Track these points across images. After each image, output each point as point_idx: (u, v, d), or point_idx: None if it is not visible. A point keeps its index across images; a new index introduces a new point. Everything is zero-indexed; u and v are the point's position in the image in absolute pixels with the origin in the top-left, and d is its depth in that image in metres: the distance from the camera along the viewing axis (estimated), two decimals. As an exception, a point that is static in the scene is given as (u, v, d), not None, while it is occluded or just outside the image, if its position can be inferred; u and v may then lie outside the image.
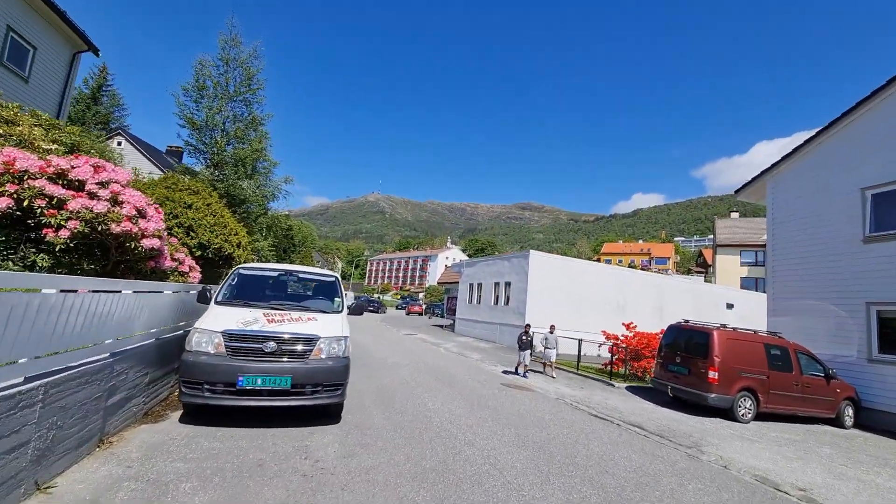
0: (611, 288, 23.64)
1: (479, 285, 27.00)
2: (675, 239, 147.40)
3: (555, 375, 12.73)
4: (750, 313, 26.62)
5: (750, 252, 47.09)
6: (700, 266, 79.48)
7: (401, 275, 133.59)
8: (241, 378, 5.18)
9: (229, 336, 5.40)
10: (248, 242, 16.07)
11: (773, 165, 14.53)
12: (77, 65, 16.54)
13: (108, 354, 4.49)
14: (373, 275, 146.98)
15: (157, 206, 7.40)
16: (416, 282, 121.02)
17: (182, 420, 5.51)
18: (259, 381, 5.23)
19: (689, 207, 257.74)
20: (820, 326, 12.37)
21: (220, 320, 5.63)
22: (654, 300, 24.86)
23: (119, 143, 39.43)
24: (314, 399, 5.52)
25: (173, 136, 17.53)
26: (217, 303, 6.23)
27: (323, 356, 5.67)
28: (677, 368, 10.53)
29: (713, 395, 9.61)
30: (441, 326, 32.01)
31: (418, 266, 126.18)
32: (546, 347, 12.89)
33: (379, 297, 78.45)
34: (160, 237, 6.99)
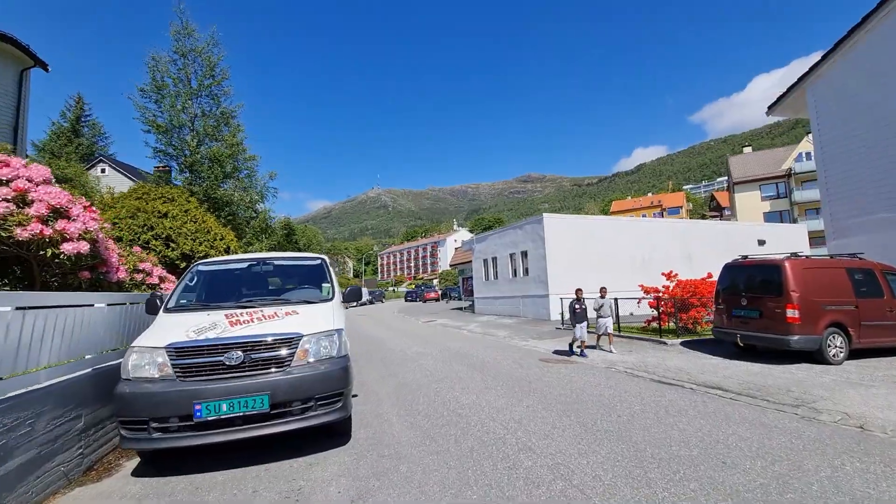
0: (633, 242, 21.89)
1: (494, 259, 25.42)
2: (684, 187, 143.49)
3: (614, 350, 10.21)
4: (784, 247, 24.71)
5: (770, 185, 44.77)
6: (714, 210, 76.91)
7: (412, 264, 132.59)
8: (198, 407, 3.72)
9: (176, 351, 3.92)
10: (237, 246, 14.69)
11: (812, 69, 12.60)
12: (27, 82, 15.16)
13: (-16, 404, 3.05)
14: (385, 269, 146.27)
15: (89, 204, 5.90)
16: (429, 269, 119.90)
17: (137, 472, 4.09)
18: (225, 408, 3.77)
19: (692, 154, 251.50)
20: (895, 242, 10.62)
21: (165, 333, 4.16)
22: (680, 248, 23.04)
23: (103, 171, 38.28)
24: (307, 419, 4.04)
25: (159, 157, 15.91)
26: (167, 310, 4.76)
27: (311, 359, 4.19)
28: (745, 313, 8.91)
29: (796, 338, 8.01)
30: (460, 309, 30.62)
31: (428, 253, 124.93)
32: (599, 316, 10.24)
33: (391, 289, 77.66)
34: (94, 240, 5.54)
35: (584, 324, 9.73)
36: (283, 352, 4.11)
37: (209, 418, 3.73)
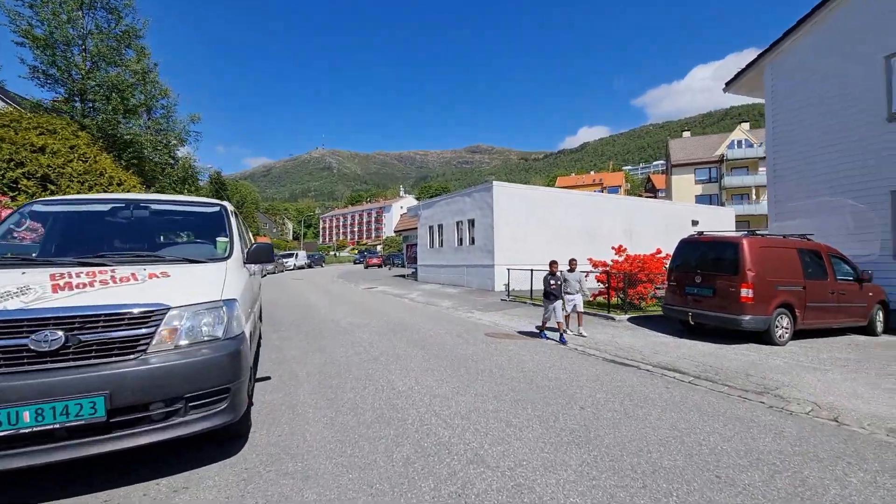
0: (580, 215, 21.74)
1: (440, 227, 24.41)
2: (624, 168, 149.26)
3: (584, 333, 8.73)
4: (715, 227, 25.86)
5: (704, 169, 47.00)
6: (649, 191, 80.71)
7: (356, 229, 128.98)
8: (-20, 416, 2.37)
9: (-54, 330, 2.51)
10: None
11: (773, 45, 12.34)
12: None
13: None
14: (326, 232, 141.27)
15: None
16: (373, 235, 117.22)
17: None
18: (27, 417, 2.44)
19: (632, 137, 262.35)
20: (836, 224, 10.81)
21: (-62, 299, 2.70)
22: (623, 224, 23.32)
23: (-18, 99, 32.35)
24: (172, 429, 2.81)
25: (38, 78, 12.72)
26: (-38, 266, 3.23)
27: (182, 342, 2.92)
28: (698, 291, 8.58)
29: (748, 318, 7.76)
30: (403, 276, 29.56)
31: (373, 219, 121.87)
32: (566, 292, 8.58)
33: (333, 254, 74.97)
34: None
35: (560, 303, 8.29)
36: (136, 331, 2.80)
37: (1, 433, 2.41)
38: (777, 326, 7.99)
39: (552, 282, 8.25)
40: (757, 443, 3.73)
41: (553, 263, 8.48)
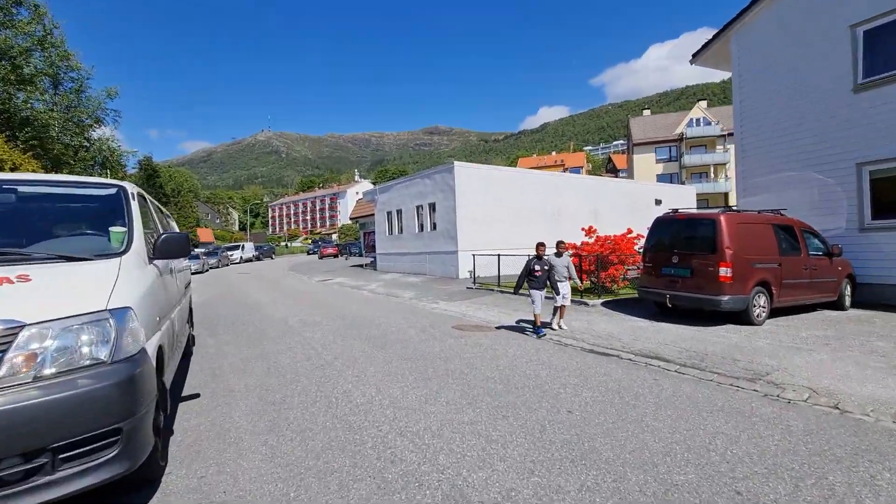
0: (545, 196, 21.34)
1: (399, 212, 23.32)
2: (585, 148, 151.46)
3: (563, 326, 7.75)
4: (678, 205, 26.24)
5: (664, 148, 47.95)
6: (610, 171, 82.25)
7: (308, 217, 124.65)
8: None
9: None
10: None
11: (739, 15, 12.07)
12: None
13: None
14: (276, 221, 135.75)
15: None
16: (327, 223, 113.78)
17: None
18: None
19: (592, 117, 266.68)
20: (802, 199, 10.75)
21: None
22: (588, 204, 23.13)
23: None
24: (35, 492, 1.99)
25: None
26: None
27: (46, 371, 2.09)
28: (675, 271, 8.24)
29: (726, 298, 7.49)
30: (361, 266, 28.41)
31: (326, 206, 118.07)
32: (556, 280, 7.47)
33: (284, 245, 72.40)
34: None
35: (543, 292, 7.32)
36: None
37: None
38: (755, 306, 7.76)
39: (537, 267, 7.32)
40: (767, 443, 3.28)
41: (540, 246, 7.50)
